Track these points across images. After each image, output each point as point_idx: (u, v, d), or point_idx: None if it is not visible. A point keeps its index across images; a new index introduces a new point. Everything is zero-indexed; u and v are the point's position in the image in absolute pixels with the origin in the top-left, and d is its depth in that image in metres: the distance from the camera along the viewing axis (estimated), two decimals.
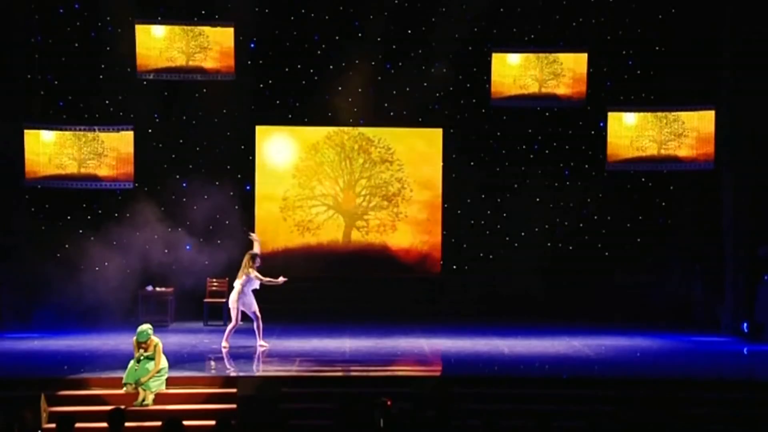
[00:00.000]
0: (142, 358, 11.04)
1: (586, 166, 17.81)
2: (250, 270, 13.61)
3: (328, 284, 17.74)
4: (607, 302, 16.78)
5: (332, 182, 18.12)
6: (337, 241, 18.13)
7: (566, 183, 17.86)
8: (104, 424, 8.52)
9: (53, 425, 9.29)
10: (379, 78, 17.81)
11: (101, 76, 17.15)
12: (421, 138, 18.19)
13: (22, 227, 16.65)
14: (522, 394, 11.36)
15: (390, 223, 18.18)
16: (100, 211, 17.22)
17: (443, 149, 18.03)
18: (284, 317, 16.31)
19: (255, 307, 13.71)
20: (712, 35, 16.51)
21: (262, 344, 13.70)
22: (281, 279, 13.90)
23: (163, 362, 11.17)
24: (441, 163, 18.07)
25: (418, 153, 18.18)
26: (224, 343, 13.65)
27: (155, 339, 11.16)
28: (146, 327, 11.20)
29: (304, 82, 17.77)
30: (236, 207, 17.76)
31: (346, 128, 18.07)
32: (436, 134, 18.08)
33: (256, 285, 13.74)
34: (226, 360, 13.02)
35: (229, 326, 13.77)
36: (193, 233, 17.35)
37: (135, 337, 11.16)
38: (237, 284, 13.71)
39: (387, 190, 18.17)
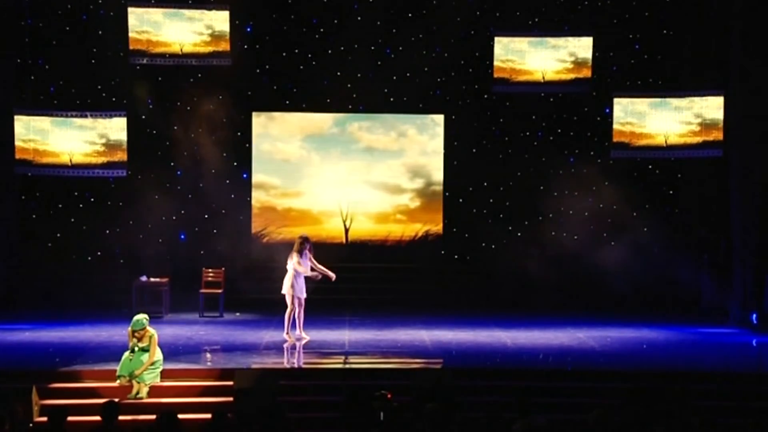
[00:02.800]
0: (136, 349, 11.02)
1: (591, 153, 17.78)
2: (295, 254, 13.42)
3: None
4: (613, 293, 16.76)
5: (332, 170, 18.10)
6: (336, 230, 18.12)
7: (571, 171, 17.83)
8: (97, 418, 8.51)
9: (44, 419, 9.28)
10: (379, 63, 17.79)
11: (93, 61, 17.11)
12: (422, 124, 18.17)
13: (12, 216, 16.62)
14: (525, 386, 11.34)
15: (390, 212, 18.19)
16: (92, 200, 17.20)
17: (445, 136, 18.02)
18: (282, 308, 16.29)
19: (304, 294, 13.55)
20: (721, 18, 16.44)
21: (303, 336, 13.59)
22: (330, 273, 13.60)
23: (158, 354, 11.16)
24: (442, 151, 18.05)
25: (418, 140, 18.17)
26: (286, 336, 13.50)
27: (151, 330, 11.15)
28: (142, 316, 11.20)
29: (301, 67, 17.74)
30: (232, 195, 17.76)
31: (345, 114, 18.05)
32: (438, 120, 18.07)
33: (308, 271, 13.54)
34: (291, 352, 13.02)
35: (287, 314, 13.59)
36: (188, 222, 17.33)
37: (130, 327, 11.15)
38: (288, 267, 13.50)
39: (387, 178, 18.16)
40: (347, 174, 18.10)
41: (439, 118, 18.05)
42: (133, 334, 11.09)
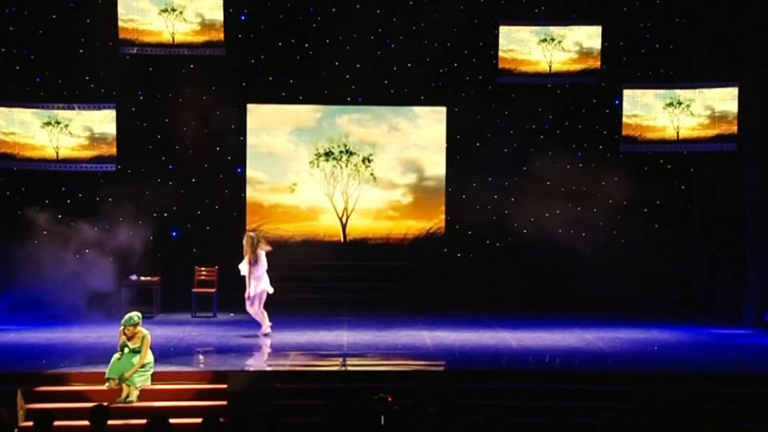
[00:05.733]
0: (126, 349, 11.00)
1: (600, 147, 17.77)
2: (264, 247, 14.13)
3: (324, 273, 17.74)
4: (622, 292, 16.76)
5: (330, 164, 18.09)
6: (334, 227, 18.12)
7: (579, 165, 17.81)
8: (86, 422, 8.51)
9: (30, 423, 9.28)
10: (379, 53, 17.78)
11: (81, 51, 17.08)
12: (424, 117, 18.16)
13: None
14: (530, 389, 11.37)
15: (390, 208, 18.18)
16: (80, 195, 17.19)
17: (447, 129, 18.01)
18: (278, 308, 16.29)
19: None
20: (735, 7, 16.41)
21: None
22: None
23: (149, 357, 11.15)
24: (444, 144, 18.04)
25: (420, 133, 18.16)
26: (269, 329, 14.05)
27: (143, 330, 11.14)
28: (135, 313, 11.21)
29: (298, 58, 17.73)
30: (226, 191, 17.75)
31: (343, 106, 18.04)
32: (440, 113, 18.05)
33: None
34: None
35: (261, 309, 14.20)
36: (181, 219, 17.33)
37: (122, 325, 11.14)
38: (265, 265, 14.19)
39: (388, 173, 18.15)
40: (351, 167, 18.05)
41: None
42: (124, 331, 11.08)
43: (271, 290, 14.26)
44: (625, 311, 16.36)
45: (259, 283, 14.16)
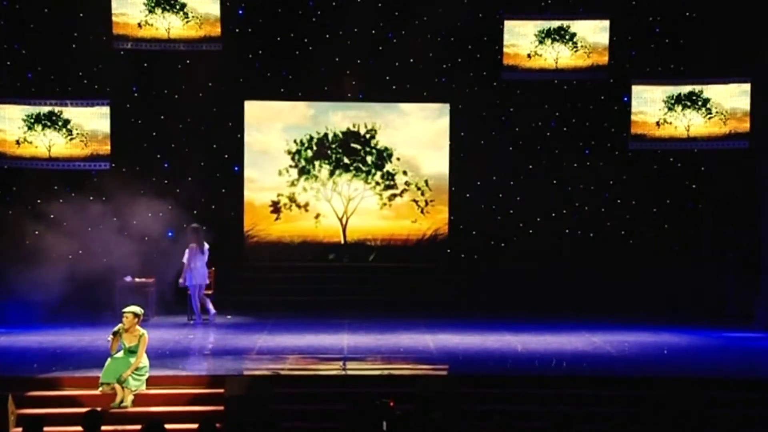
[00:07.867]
0: (122, 353, 10.96)
1: (608, 144, 17.77)
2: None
3: (324, 274, 17.73)
4: (631, 294, 16.74)
5: (330, 163, 18.08)
6: (334, 227, 18.10)
7: (586, 163, 17.82)
8: (78, 428, 8.49)
9: (20, 429, 9.26)
10: (381, 48, 17.77)
11: (74, 46, 17.08)
12: (426, 114, 18.15)
13: None
14: (537, 394, 11.35)
15: (392, 208, 18.16)
16: (73, 194, 17.16)
17: (450, 126, 18.00)
18: (276, 310, 16.29)
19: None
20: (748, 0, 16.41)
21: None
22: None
23: (145, 360, 11.14)
24: (448, 142, 18.03)
25: (422, 130, 18.15)
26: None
27: (141, 330, 11.12)
28: (137, 307, 11.21)
29: (297, 53, 17.72)
30: (223, 190, 17.76)
31: (343, 103, 18.03)
32: (443, 110, 18.04)
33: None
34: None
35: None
36: (176, 218, 17.31)
37: (122, 313, 11.14)
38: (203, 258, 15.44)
39: (389, 171, 18.13)
40: (351, 166, 18.03)
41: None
42: (122, 318, 11.03)
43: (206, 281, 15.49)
44: (634, 313, 16.34)
45: (197, 274, 15.27)
